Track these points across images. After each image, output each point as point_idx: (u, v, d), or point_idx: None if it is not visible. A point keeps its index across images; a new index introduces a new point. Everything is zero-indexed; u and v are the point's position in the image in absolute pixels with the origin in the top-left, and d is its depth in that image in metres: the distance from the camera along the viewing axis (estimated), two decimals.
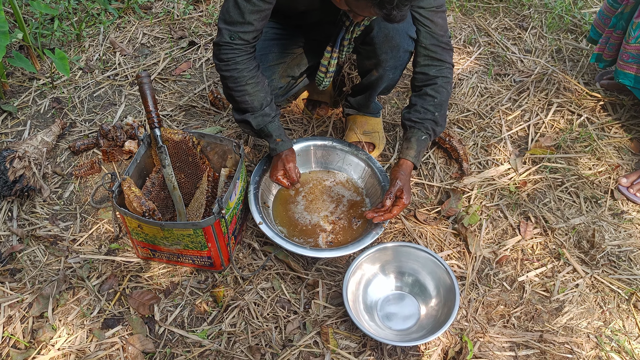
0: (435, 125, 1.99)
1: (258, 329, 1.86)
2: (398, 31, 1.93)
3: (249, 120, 1.98)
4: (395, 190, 1.92)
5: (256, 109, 1.96)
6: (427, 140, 2.00)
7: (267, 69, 2.14)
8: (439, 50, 1.96)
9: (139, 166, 1.99)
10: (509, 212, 2.21)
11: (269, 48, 2.16)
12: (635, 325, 1.91)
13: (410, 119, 2.01)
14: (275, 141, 2.01)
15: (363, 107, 2.32)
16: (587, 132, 2.49)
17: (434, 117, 1.98)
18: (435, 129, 2.00)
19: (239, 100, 1.94)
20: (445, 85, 1.99)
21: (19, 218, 2.16)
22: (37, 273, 2.00)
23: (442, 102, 1.99)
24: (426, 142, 2.00)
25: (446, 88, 1.99)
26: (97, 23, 3.08)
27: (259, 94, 1.94)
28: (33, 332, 1.85)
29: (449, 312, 1.78)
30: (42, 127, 2.51)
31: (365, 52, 2.05)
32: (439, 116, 1.99)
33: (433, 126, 1.99)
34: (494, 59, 2.90)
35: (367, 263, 1.94)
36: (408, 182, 1.96)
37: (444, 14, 1.95)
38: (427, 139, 2.00)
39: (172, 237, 1.83)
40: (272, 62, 2.16)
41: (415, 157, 1.98)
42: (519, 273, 2.03)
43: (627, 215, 2.21)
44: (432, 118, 1.98)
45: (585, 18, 3.13)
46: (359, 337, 1.85)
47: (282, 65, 2.19)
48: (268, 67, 2.14)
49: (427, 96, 1.98)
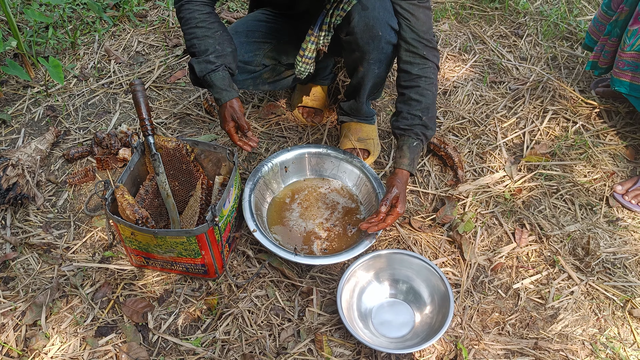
0: (426, 129, 1.99)
1: (252, 336, 1.85)
2: (378, 20, 1.92)
3: (193, 65, 1.93)
4: (392, 198, 1.91)
5: (201, 54, 1.91)
6: (420, 146, 2.00)
7: (251, 44, 2.16)
8: (420, 46, 1.96)
9: (133, 174, 1.99)
10: (504, 219, 2.21)
11: (256, 26, 2.20)
12: (631, 333, 1.90)
13: (399, 127, 2.01)
14: (219, 90, 1.93)
15: (355, 111, 2.31)
16: (583, 140, 2.49)
17: (422, 121, 1.97)
18: (425, 133, 1.99)
19: (188, 44, 1.94)
20: (429, 87, 1.98)
21: (13, 226, 2.15)
22: (31, 281, 1.99)
23: (428, 105, 1.98)
24: (418, 147, 2.00)
25: (430, 90, 1.99)
26: (92, 31, 3.09)
27: (208, 39, 1.90)
28: (26, 340, 1.84)
29: (444, 320, 1.77)
30: (36, 135, 2.50)
31: (349, 46, 2.03)
32: (427, 120, 1.98)
33: (423, 131, 1.98)
34: (489, 66, 2.90)
35: (361, 270, 1.94)
36: (404, 191, 1.95)
37: (427, 10, 1.95)
38: (419, 144, 1.99)
39: (166, 245, 1.82)
40: (258, 39, 2.18)
41: (410, 165, 1.98)
42: (513, 280, 2.03)
43: (622, 223, 2.21)
44: (421, 123, 1.98)
45: (581, 26, 3.14)
46: (353, 345, 1.84)
47: (268, 45, 2.20)
48: (253, 42, 2.17)
49: (412, 101, 1.99)
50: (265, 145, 2.46)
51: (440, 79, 2.80)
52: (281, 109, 2.61)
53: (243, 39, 2.17)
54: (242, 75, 2.19)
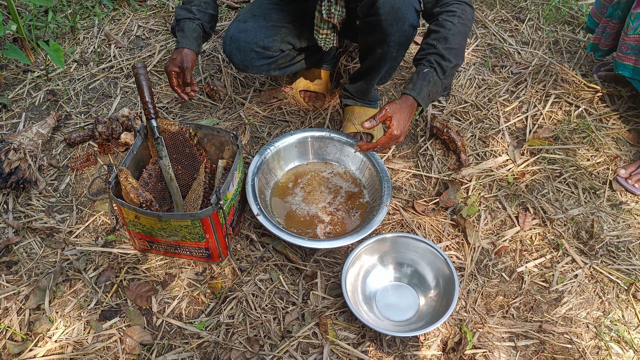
0: (442, 59, 1.84)
1: (256, 320, 1.85)
2: (404, 2, 1.87)
3: (175, 11, 2.05)
4: (380, 116, 1.82)
5: (186, 3, 2.05)
6: (432, 74, 1.85)
7: (270, 28, 2.16)
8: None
9: (136, 158, 1.98)
10: (508, 203, 2.20)
11: (273, 9, 2.22)
12: (635, 315, 1.91)
13: (415, 59, 1.92)
14: (184, 37, 2.00)
15: (363, 94, 2.29)
16: (585, 123, 2.49)
17: (437, 50, 1.84)
18: (441, 63, 1.85)
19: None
20: (449, 19, 1.85)
21: (15, 210, 2.14)
22: (34, 265, 1.98)
23: (446, 35, 1.84)
24: (429, 75, 1.85)
25: (451, 21, 1.85)
26: (91, 15, 3.06)
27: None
28: (30, 324, 1.84)
29: (448, 303, 1.77)
30: (37, 119, 2.49)
31: (369, 27, 1.98)
32: (444, 49, 1.84)
33: (438, 59, 1.85)
34: (491, 50, 2.89)
35: (365, 254, 1.93)
36: (401, 113, 1.85)
37: None
38: (430, 72, 1.85)
39: (170, 229, 1.81)
40: (276, 23, 2.18)
41: (414, 90, 1.85)
42: (517, 264, 2.03)
43: (625, 206, 2.21)
44: (435, 52, 1.85)
45: (582, 10, 3.12)
46: (357, 328, 1.84)
47: (284, 29, 2.20)
48: (271, 26, 2.17)
49: (431, 32, 1.88)
50: (268, 129, 2.45)
51: None
52: (283, 93, 2.60)
53: (262, 22, 2.16)
54: (260, 61, 2.19)
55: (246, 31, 2.14)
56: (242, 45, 2.14)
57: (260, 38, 2.14)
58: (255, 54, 2.16)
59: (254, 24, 2.15)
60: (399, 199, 2.20)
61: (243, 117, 2.48)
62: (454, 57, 1.85)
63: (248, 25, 2.15)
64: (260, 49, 2.15)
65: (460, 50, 1.87)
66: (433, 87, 1.86)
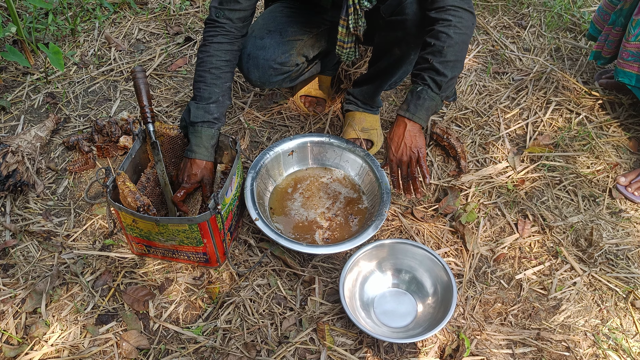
0: (436, 74, 1.74)
1: (254, 325, 1.84)
2: None
3: (190, 108, 1.91)
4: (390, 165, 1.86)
5: (202, 100, 1.90)
6: (426, 92, 1.76)
7: (287, 43, 2.12)
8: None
9: (134, 161, 1.97)
10: (507, 210, 2.20)
11: (288, 23, 2.15)
12: (633, 323, 1.90)
13: (412, 73, 1.83)
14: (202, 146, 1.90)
15: (369, 98, 2.27)
16: (586, 131, 2.48)
17: (431, 65, 1.74)
18: (435, 78, 1.75)
19: (195, 85, 1.92)
20: (444, 30, 1.74)
21: (12, 213, 2.13)
22: (31, 269, 1.97)
23: (441, 48, 1.73)
24: (424, 93, 1.77)
25: (446, 32, 1.73)
26: (92, 18, 3.06)
27: (214, 89, 1.90)
28: (26, 327, 1.83)
29: (446, 310, 1.77)
30: (36, 122, 2.48)
31: (392, 25, 1.92)
32: (439, 63, 1.74)
33: (432, 75, 1.75)
34: (492, 57, 2.88)
35: (364, 260, 1.93)
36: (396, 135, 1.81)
37: None
38: (424, 90, 1.76)
39: (168, 233, 1.81)
40: (291, 37, 2.14)
41: (408, 111, 1.79)
42: (516, 271, 2.02)
43: (625, 214, 2.20)
44: (429, 67, 1.75)
45: (585, 17, 3.12)
46: (355, 334, 1.83)
47: (300, 43, 2.16)
48: (287, 41, 2.12)
49: (426, 45, 1.78)
50: (267, 134, 2.45)
51: None
52: (283, 98, 2.59)
53: (278, 38, 2.11)
54: (277, 77, 2.16)
55: (264, 48, 2.08)
56: (261, 62, 2.09)
57: (278, 55, 2.09)
58: (273, 70, 2.11)
59: (271, 40, 2.09)
60: (398, 205, 2.20)
61: (243, 121, 2.48)
62: (450, 70, 1.75)
63: (265, 42, 2.09)
64: (279, 65, 2.11)
65: (457, 61, 1.77)
66: (430, 102, 1.78)
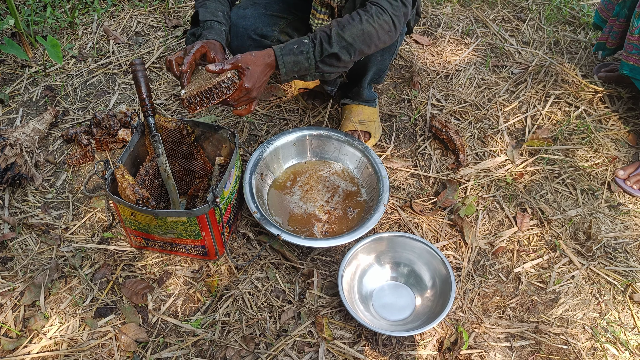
0: (327, 41, 1.73)
1: (252, 318, 1.85)
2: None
3: (198, 11, 1.88)
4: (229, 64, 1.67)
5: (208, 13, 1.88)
6: (308, 47, 1.74)
7: (270, 17, 2.13)
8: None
9: (133, 154, 1.97)
10: (506, 203, 2.20)
11: (275, 0, 2.17)
12: (631, 317, 1.90)
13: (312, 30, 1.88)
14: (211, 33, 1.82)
15: (356, 95, 2.29)
16: (585, 124, 2.48)
17: (330, 31, 1.73)
18: (323, 44, 1.73)
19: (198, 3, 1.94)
20: (361, 12, 1.75)
21: (11, 206, 2.13)
22: (29, 261, 1.97)
23: (346, 23, 1.74)
24: (305, 47, 1.74)
25: (360, 15, 1.74)
26: (90, 11, 3.05)
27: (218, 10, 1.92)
28: (24, 320, 1.83)
29: (445, 303, 1.77)
30: (35, 115, 2.48)
31: None
32: (335, 34, 1.72)
33: (323, 38, 1.73)
34: (491, 50, 2.88)
35: (362, 253, 1.93)
36: (255, 65, 1.71)
37: None
38: (308, 45, 1.74)
39: (166, 226, 1.81)
40: (276, 12, 2.15)
41: (281, 49, 1.73)
42: (514, 264, 2.02)
43: (623, 208, 2.20)
44: (327, 31, 1.74)
45: (584, 10, 3.11)
46: (353, 327, 1.83)
47: (284, 21, 2.17)
48: (271, 15, 2.14)
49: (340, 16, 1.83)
50: (266, 127, 2.44)
51: (443, 63, 2.78)
52: (282, 91, 2.59)
53: (262, 10, 2.13)
54: (257, 49, 2.14)
55: (245, 17, 2.11)
56: (240, 31, 2.11)
57: (259, 26, 2.11)
58: (252, 41, 2.13)
59: (254, 11, 2.12)
60: (397, 198, 2.20)
61: None
62: (339, 48, 1.73)
63: (247, 12, 2.12)
64: (258, 36, 2.12)
65: (351, 46, 1.75)
66: (303, 60, 1.74)
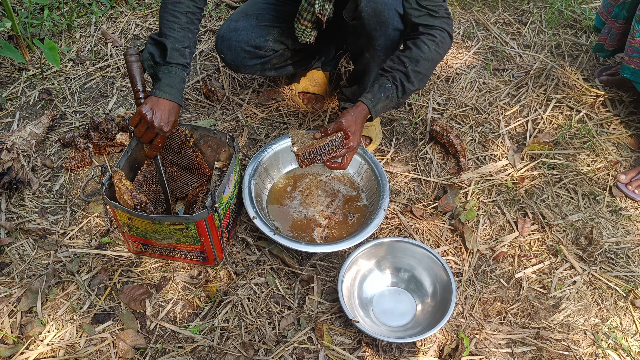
0: (406, 79, 1.82)
1: (251, 324, 1.83)
2: (386, 5, 1.85)
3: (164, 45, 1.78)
4: (333, 127, 1.79)
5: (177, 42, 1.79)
6: (392, 91, 1.83)
7: (262, 28, 2.14)
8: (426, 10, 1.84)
9: (131, 159, 1.95)
10: (507, 208, 2.18)
11: (266, 9, 2.18)
12: (633, 323, 1.89)
13: (382, 68, 1.89)
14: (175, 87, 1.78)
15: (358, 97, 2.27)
16: (586, 128, 2.47)
17: (405, 69, 1.81)
18: (405, 83, 1.82)
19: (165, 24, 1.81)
20: (428, 42, 1.82)
21: (7, 211, 2.11)
22: (26, 267, 1.95)
23: (419, 57, 1.81)
24: (390, 91, 1.83)
25: (429, 45, 1.82)
26: (88, 13, 3.03)
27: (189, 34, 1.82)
28: (21, 327, 1.81)
29: (445, 309, 1.75)
30: (32, 118, 2.46)
31: (355, 30, 1.97)
32: (412, 71, 1.81)
33: (402, 79, 1.82)
34: (492, 53, 2.86)
35: (362, 258, 1.91)
36: (356, 125, 1.82)
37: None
38: (391, 89, 1.83)
39: (164, 231, 1.79)
40: (268, 22, 2.16)
41: (371, 101, 1.82)
42: (516, 270, 2.01)
43: (625, 212, 2.19)
44: (403, 70, 1.82)
45: (585, 13, 3.10)
46: (353, 333, 1.82)
47: (277, 30, 2.18)
48: (263, 25, 2.14)
49: (406, 49, 1.85)
50: (266, 131, 2.43)
51: (443, 66, 2.76)
52: (281, 95, 2.57)
53: (254, 22, 2.14)
54: (252, 60, 2.17)
55: (237, 30, 2.12)
56: (233, 44, 2.12)
57: (252, 37, 2.12)
58: (246, 53, 2.14)
59: (246, 23, 2.13)
60: (397, 202, 2.18)
61: (241, 118, 2.46)
62: (418, 82, 1.84)
63: (239, 25, 2.13)
64: (252, 48, 2.13)
65: (426, 77, 1.87)
66: (389, 103, 1.86)
